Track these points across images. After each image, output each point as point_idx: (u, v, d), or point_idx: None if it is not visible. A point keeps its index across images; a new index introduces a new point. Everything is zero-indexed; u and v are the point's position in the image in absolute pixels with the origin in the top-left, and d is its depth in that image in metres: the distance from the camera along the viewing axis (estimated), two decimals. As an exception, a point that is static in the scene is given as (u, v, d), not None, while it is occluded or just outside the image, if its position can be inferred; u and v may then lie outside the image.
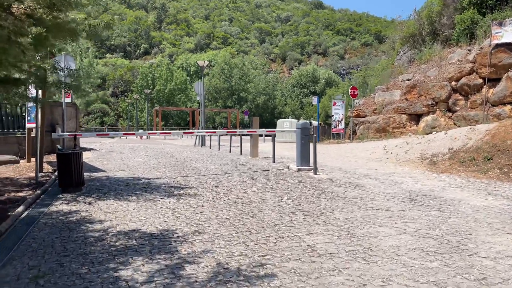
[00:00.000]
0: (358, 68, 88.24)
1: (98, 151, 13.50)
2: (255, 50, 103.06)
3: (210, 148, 17.32)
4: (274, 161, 11.66)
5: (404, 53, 25.84)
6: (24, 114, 11.39)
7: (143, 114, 52.36)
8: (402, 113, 20.02)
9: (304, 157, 10.09)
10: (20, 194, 7.12)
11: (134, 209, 6.26)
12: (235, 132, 9.86)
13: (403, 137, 16.61)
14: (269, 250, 4.43)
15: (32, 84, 7.75)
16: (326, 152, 14.59)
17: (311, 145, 10.14)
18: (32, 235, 5.02)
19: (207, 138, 19.48)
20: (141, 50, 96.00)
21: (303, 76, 68.66)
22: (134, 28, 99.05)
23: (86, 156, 12.21)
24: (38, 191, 7.19)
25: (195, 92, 19.64)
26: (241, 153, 14.20)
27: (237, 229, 5.20)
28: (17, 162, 9.64)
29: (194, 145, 19.03)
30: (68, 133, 7.88)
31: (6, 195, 6.95)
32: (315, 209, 6.23)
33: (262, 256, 4.23)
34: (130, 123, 52.36)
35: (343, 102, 21.80)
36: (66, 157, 7.36)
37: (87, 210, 6.18)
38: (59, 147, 7.62)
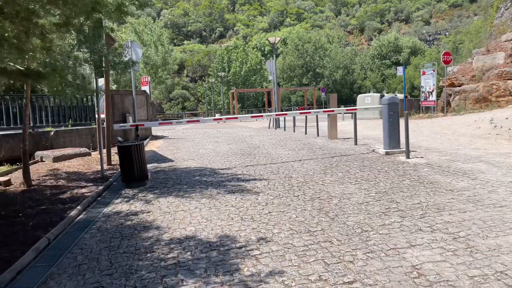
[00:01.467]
0: (447, 33, 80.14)
1: (170, 139, 13.21)
2: (330, 24, 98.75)
3: (285, 130, 16.28)
4: (356, 143, 10.26)
5: (506, 9, 22.03)
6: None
7: (220, 97, 52.92)
8: (508, 79, 17.05)
9: (393, 138, 8.58)
10: (83, 190, 6.76)
11: (196, 208, 5.49)
12: (309, 112, 8.61)
13: (513, 107, 13.94)
14: (357, 272, 3.30)
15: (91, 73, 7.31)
16: (417, 129, 12.70)
17: (401, 123, 8.58)
18: (80, 244, 4.45)
19: (281, 119, 18.44)
20: (216, 34, 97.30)
21: (384, 46, 63.89)
22: (209, 12, 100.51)
23: (158, 145, 11.92)
24: (101, 188, 6.77)
25: (268, 71, 18.61)
26: (317, 134, 12.94)
27: (314, 238, 4.12)
28: (89, 154, 9.52)
29: (268, 127, 18.14)
30: (130, 124, 7.40)
31: (68, 192, 6.62)
32: (414, 207, 4.89)
33: (348, 283, 3.12)
34: (208, 106, 53.33)
35: (434, 71, 19.21)
36: (126, 150, 6.84)
37: (145, 211, 5.54)
38: (119, 139, 7.13)
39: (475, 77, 18.59)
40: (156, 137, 13.60)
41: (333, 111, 8.74)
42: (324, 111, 8.64)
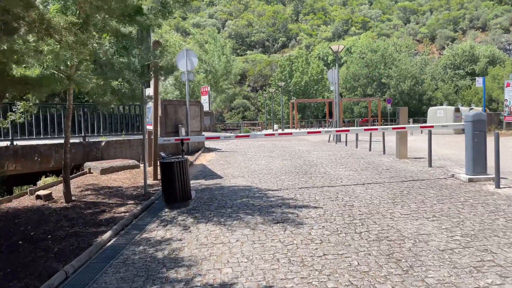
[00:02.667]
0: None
1: (222, 152, 12.62)
2: (398, 32, 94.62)
3: (346, 145, 15.03)
4: (430, 165, 8.88)
5: None
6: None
7: (280, 107, 52.32)
8: None
9: (478, 162, 7.19)
10: (121, 209, 6.25)
11: (237, 240, 4.68)
12: (376, 129, 7.48)
13: None
14: None
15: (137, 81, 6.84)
16: (502, 150, 10.93)
17: (488, 142, 7.18)
18: (100, 283, 3.81)
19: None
20: (279, 44, 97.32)
21: (457, 56, 59.54)
22: (272, 22, 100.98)
23: (209, 158, 11.35)
24: (139, 208, 6.21)
25: (329, 81, 17.52)
26: (383, 152, 11.61)
27: (382, 302, 3.11)
28: (137, 167, 9.14)
29: (328, 141, 16.99)
30: (175, 138, 6.82)
31: (106, 211, 6.13)
32: (520, 264, 3.67)
33: None
34: (268, 116, 52.90)
35: (521, 82, 16.96)
36: (168, 167, 6.23)
37: (180, 240, 4.83)
38: (162, 154, 6.55)
39: None
40: (209, 150, 13.09)
41: (404, 127, 7.55)
42: (393, 128, 7.48)
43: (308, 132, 7.08)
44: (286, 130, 8.52)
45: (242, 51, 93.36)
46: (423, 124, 7.18)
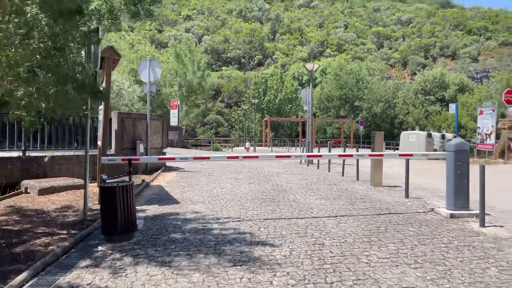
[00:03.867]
0: (497, 72, 76.05)
1: (184, 172, 11.65)
2: (372, 56, 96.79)
3: (318, 167, 14.36)
4: (407, 196, 8.22)
5: None
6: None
7: (253, 124, 51.75)
8: None
9: (460, 195, 6.56)
10: (50, 240, 5.20)
11: (181, 291, 3.75)
12: (351, 155, 6.76)
13: None
14: None
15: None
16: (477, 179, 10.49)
17: (471, 173, 6.58)
18: None
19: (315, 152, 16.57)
20: (255, 62, 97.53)
21: (428, 82, 60.91)
22: (249, 40, 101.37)
23: (168, 179, 10.35)
24: (72, 240, 5.19)
25: (303, 100, 16.95)
26: (357, 178, 10.94)
27: None
28: (83, 187, 8.04)
29: (300, 163, 16.29)
30: (122, 157, 5.87)
31: (30, 243, 5.08)
32: None
33: None
34: (241, 133, 52.15)
35: (493, 111, 16.89)
36: (109, 193, 5.26)
37: (110, 288, 3.86)
38: (104, 177, 5.57)
39: (543, 120, 16.10)
40: (170, 169, 12.09)
41: (381, 155, 6.87)
42: (370, 155, 6.80)
43: (277, 156, 6.29)
44: (253, 154, 7.82)
45: (218, 67, 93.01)
46: (402, 152, 6.52)
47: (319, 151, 16.81)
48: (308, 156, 6.38)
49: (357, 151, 10.96)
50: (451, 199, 6.61)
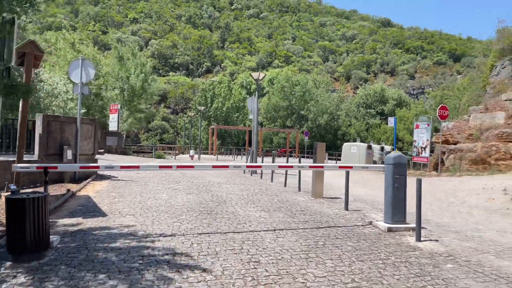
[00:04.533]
0: (431, 89, 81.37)
1: (117, 181, 10.88)
2: (318, 69, 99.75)
3: (261, 177, 14.16)
4: (347, 208, 8.16)
5: (503, 67, 21.11)
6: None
7: (200, 132, 50.95)
8: (509, 141, 15.56)
9: (397, 209, 6.55)
10: None
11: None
12: (291, 167, 6.54)
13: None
14: None
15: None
16: (414, 193, 10.78)
17: (408, 187, 6.60)
18: None
19: (259, 162, 16.37)
20: (203, 69, 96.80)
21: (369, 96, 63.73)
22: (198, 46, 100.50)
23: (98, 188, 9.57)
24: (-35, 261, 4.42)
25: (248, 108, 16.74)
26: (299, 189, 10.83)
27: None
28: (-5, 197, 7.11)
29: (244, 172, 16.02)
30: (37, 165, 5.17)
31: None
32: None
33: None
34: (186, 141, 51.11)
35: (428, 125, 17.70)
36: (17, 206, 4.57)
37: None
38: (12, 187, 4.85)
39: (472, 136, 17.11)
40: (102, 177, 11.25)
41: (322, 167, 6.72)
42: (311, 167, 6.62)
43: (214, 166, 5.90)
44: (189, 163, 7.32)
45: (165, 72, 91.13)
46: (342, 164, 6.40)
47: (262, 161, 16.62)
48: (248, 166, 6.07)
49: (299, 161, 10.85)
50: (389, 213, 6.58)
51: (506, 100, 17.08)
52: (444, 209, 8.74)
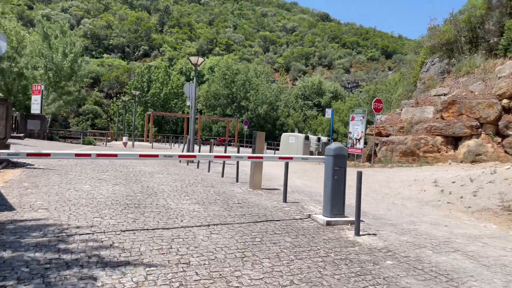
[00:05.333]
0: (364, 83, 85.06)
1: (33, 169, 9.69)
2: (258, 59, 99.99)
3: (198, 167, 13.55)
4: (285, 200, 7.88)
5: (432, 64, 22.26)
6: None
7: (135, 118, 48.69)
8: (437, 135, 16.37)
9: (336, 202, 6.35)
10: None
11: None
12: (228, 157, 6.04)
13: (458, 167, 12.82)
14: None
15: None
16: (350, 184, 10.83)
17: (347, 178, 6.42)
18: None
19: (196, 151, 15.71)
20: (140, 52, 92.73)
21: (307, 88, 65.14)
22: (135, 29, 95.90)
23: (9, 177, 8.40)
24: None
25: (186, 94, 15.95)
26: (237, 180, 10.40)
27: None
28: None
29: (180, 162, 15.28)
30: None
31: None
32: None
33: None
34: (120, 127, 48.63)
35: (363, 117, 18.14)
36: None
37: None
38: None
39: (403, 128, 17.80)
40: (16, 165, 9.97)
41: (261, 157, 6.31)
42: (249, 157, 6.18)
43: (141, 156, 5.23)
44: (106, 153, 6.58)
45: (98, 53, 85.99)
46: (282, 155, 6.02)
47: (200, 150, 16.00)
48: (180, 156, 5.47)
49: (238, 151, 10.40)
50: (328, 206, 6.36)
51: (435, 96, 17.96)
52: (379, 200, 8.79)
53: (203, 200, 7.58)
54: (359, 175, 5.73)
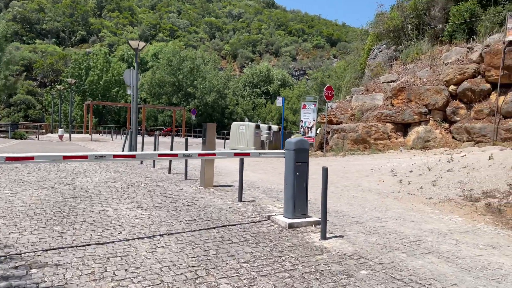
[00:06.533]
0: (311, 70, 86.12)
1: None
2: (204, 45, 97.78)
3: (142, 162, 12.43)
4: (241, 199, 7.13)
5: (379, 51, 22.40)
6: None
7: (73, 108, 45.45)
8: (387, 122, 16.39)
9: (299, 201, 5.71)
10: None
11: None
12: (175, 155, 5.13)
13: (409, 154, 12.72)
14: None
15: None
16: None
17: (310, 174, 5.80)
18: None
19: (139, 144, 14.53)
20: (77, 38, 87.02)
21: (255, 75, 64.52)
22: (70, 12, 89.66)
23: None
24: None
25: (126, 82, 14.62)
26: (185, 176, 9.49)
27: None
28: None
29: (122, 155, 14.01)
30: None
31: None
32: None
33: None
34: (56, 118, 45.24)
35: (314, 105, 17.80)
36: None
37: None
38: None
39: (354, 116, 17.69)
40: None
41: (214, 155, 5.47)
42: (200, 155, 5.34)
43: (65, 157, 4.22)
44: (14, 156, 5.47)
45: (30, 39, 79.56)
46: (238, 151, 5.25)
47: (143, 142, 14.78)
48: (116, 157, 4.46)
49: (186, 145, 9.47)
50: (290, 206, 5.70)
51: (384, 82, 17.98)
52: (339, 194, 8.32)
53: (146, 204, 6.63)
54: (325, 171, 5.10)
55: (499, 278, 4.01)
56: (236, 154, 5.47)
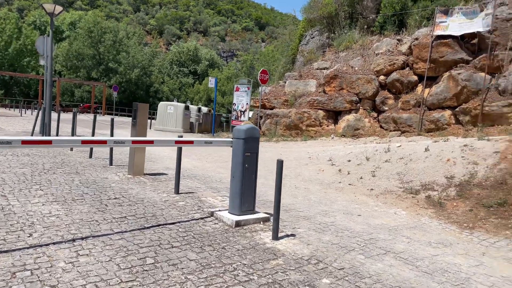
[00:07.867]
0: (240, 52, 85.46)
1: None
2: (128, 18, 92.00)
3: (58, 143, 10.94)
4: (177, 191, 6.35)
5: (312, 37, 22.43)
6: None
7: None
8: (319, 108, 16.42)
9: (247, 196, 5.14)
10: None
11: None
12: (105, 142, 4.21)
13: (341, 141, 12.73)
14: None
15: None
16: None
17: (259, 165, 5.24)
18: None
19: (54, 122, 12.85)
20: (-21, -3, 76.70)
21: (183, 54, 62.15)
22: (-30, -33, 78.53)
23: None
24: None
25: (39, 51, 12.76)
26: (110, 162, 8.39)
27: None
28: None
29: (32, 134, 12.29)
30: None
31: None
32: None
33: None
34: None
35: (248, 88, 17.27)
36: None
37: None
38: None
39: (288, 102, 17.50)
40: None
41: (152, 142, 4.60)
42: (133, 142, 4.47)
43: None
44: None
45: None
46: (180, 139, 4.49)
47: (58, 121, 13.10)
48: (24, 143, 3.45)
49: (112, 134, 8.35)
50: (236, 201, 5.11)
51: (317, 69, 17.98)
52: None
53: (64, 196, 5.58)
54: (280, 164, 4.57)
55: (462, 283, 3.83)
56: (177, 142, 4.69)
